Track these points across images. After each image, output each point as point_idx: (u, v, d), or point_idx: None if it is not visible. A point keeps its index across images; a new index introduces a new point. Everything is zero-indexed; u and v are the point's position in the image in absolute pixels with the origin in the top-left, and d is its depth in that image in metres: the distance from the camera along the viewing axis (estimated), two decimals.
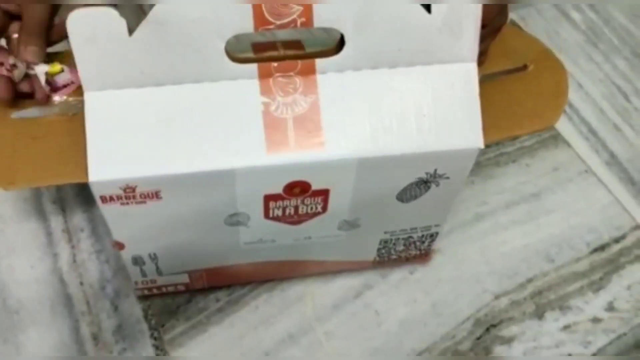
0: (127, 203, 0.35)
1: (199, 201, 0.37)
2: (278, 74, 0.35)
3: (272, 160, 0.35)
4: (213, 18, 0.32)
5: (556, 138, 0.60)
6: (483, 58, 0.39)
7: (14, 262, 0.48)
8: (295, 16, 0.33)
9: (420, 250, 0.49)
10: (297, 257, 0.46)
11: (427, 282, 0.51)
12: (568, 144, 0.60)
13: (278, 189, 0.37)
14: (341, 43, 0.35)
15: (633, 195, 0.57)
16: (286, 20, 0.33)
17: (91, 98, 0.33)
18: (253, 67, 0.35)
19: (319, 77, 0.35)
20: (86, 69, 0.33)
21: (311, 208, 0.40)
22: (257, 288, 0.49)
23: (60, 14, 0.36)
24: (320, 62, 0.35)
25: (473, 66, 0.37)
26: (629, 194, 0.57)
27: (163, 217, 0.38)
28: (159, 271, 0.44)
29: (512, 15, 0.70)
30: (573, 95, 0.64)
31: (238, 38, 0.34)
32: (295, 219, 0.40)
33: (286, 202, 0.39)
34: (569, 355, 0.48)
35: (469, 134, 0.37)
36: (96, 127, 0.33)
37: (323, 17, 0.33)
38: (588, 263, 0.53)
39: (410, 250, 0.48)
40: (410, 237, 0.46)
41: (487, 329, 0.49)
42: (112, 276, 0.48)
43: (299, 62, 0.35)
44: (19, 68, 0.35)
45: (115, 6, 0.31)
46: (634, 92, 0.65)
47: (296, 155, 0.35)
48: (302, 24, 0.33)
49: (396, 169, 0.38)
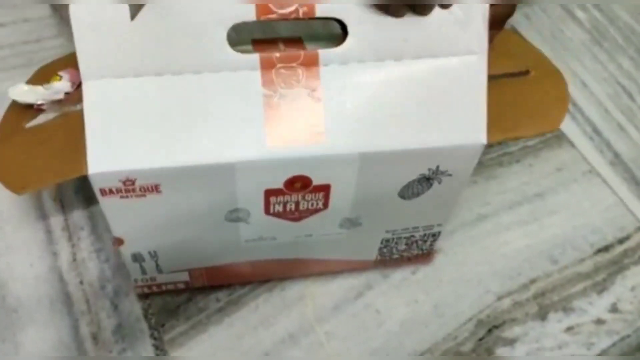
0: (127, 196, 0.35)
1: (199, 196, 0.37)
2: (280, 65, 0.35)
3: (273, 153, 0.35)
4: (215, 5, 0.32)
5: (560, 138, 0.60)
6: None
7: (13, 260, 0.48)
8: (297, 5, 0.33)
9: (422, 250, 0.48)
10: (298, 256, 0.46)
11: (429, 283, 0.50)
12: (572, 144, 0.60)
13: (279, 184, 0.37)
14: (344, 36, 0.35)
15: (637, 195, 0.57)
16: (288, 9, 0.33)
17: (90, 87, 0.33)
18: (255, 58, 0.34)
19: (322, 69, 0.35)
20: (86, 58, 0.32)
21: (312, 204, 0.39)
22: (257, 288, 0.49)
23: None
24: (323, 54, 0.35)
25: (482, 58, 0.36)
26: (634, 195, 0.57)
27: (163, 212, 0.37)
28: (159, 269, 0.43)
29: (517, 13, 0.69)
30: (577, 94, 0.64)
31: (239, 32, 0.34)
32: (296, 216, 0.40)
33: (287, 198, 0.38)
34: (572, 356, 0.48)
35: (473, 130, 0.36)
36: (95, 119, 0.33)
37: (325, 7, 0.33)
38: (592, 264, 0.52)
39: (412, 249, 0.48)
40: (412, 236, 0.46)
41: (490, 330, 0.48)
42: (112, 275, 0.48)
43: (302, 53, 0.35)
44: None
45: None
46: (639, 92, 0.64)
47: (297, 148, 0.35)
48: (304, 14, 0.33)
49: (398, 165, 0.38)
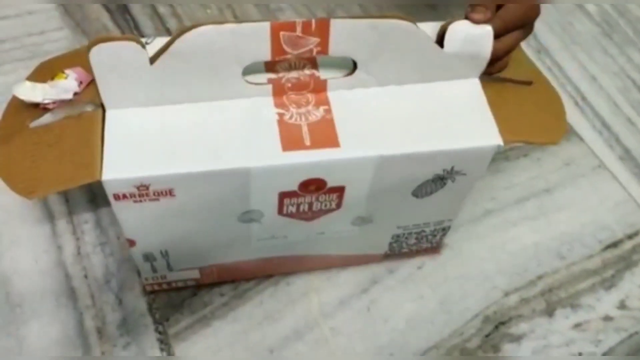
0: (140, 201, 0.35)
1: (213, 199, 0.37)
2: (291, 93, 0.37)
3: (288, 159, 0.35)
4: (232, 48, 0.33)
5: (568, 132, 0.59)
6: (504, 62, 0.39)
7: (17, 254, 0.48)
8: (312, 46, 0.34)
9: (431, 243, 0.48)
10: (309, 252, 0.45)
11: (435, 279, 0.50)
12: (581, 138, 0.59)
13: (293, 187, 0.37)
14: (354, 66, 0.37)
15: None
16: (302, 50, 0.34)
17: (112, 114, 0.35)
18: (268, 87, 0.36)
19: (330, 94, 0.37)
20: (108, 93, 0.35)
21: (325, 205, 0.39)
22: (262, 283, 0.48)
23: None
24: (331, 82, 0.37)
25: (476, 81, 0.39)
26: None
27: (175, 214, 0.37)
28: (170, 267, 0.43)
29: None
30: (587, 88, 0.63)
31: None
32: (309, 215, 0.40)
33: (301, 199, 0.38)
34: (580, 354, 0.47)
35: (486, 133, 0.37)
36: (114, 136, 0.35)
37: (339, 48, 0.35)
38: (600, 260, 0.52)
39: (421, 243, 0.48)
40: (422, 232, 0.46)
41: (496, 327, 0.48)
42: (117, 269, 0.48)
43: (311, 82, 0.37)
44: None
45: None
46: None
47: (312, 154, 0.35)
48: (318, 53, 0.35)
49: (414, 167, 0.38)
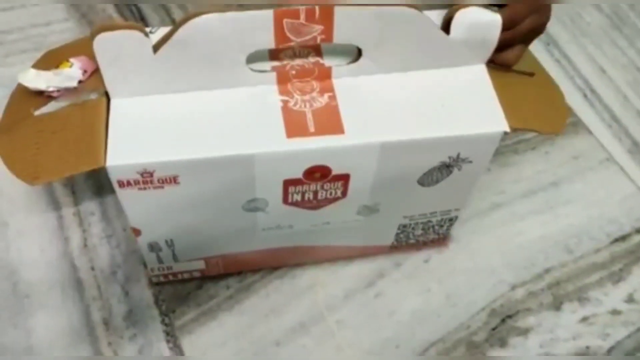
0: (145, 188, 0.35)
1: (217, 187, 0.36)
2: (296, 80, 0.37)
3: (292, 145, 0.35)
4: (236, 36, 0.33)
5: (577, 125, 0.59)
6: (515, 55, 0.39)
7: (24, 246, 0.48)
8: (315, 34, 0.34)
9: (438, 234, 0.48)
10: (315, 243, 0.45)
11: (442, 272, 0.50)
12: (589, 131, 0.59)
13: (298, 174, 0.37)
14: (359, 53, 0.36)
15: None
16: (306, 37, 0.34)
17: (117, 103, 0.35)
18: (272, 75, 0.36)
19: (335, 81, 0.37)
20: (112, 81, 0.34)
21: (331, 193, 0.39)
22: (268, 275, 0.48)
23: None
24: (335, 69, 0.37)
25: (482, 67, 0.38)
26: None
27: (180, 202, 0.37)
28: (176, 257, 0.43)
29: None
30: (596, 80, 0.62)
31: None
32: (314, 204, 0.40)
33: (305, 187, 0.38)
34: (587, 348, 0.47)
35: (492, 119, 0.37)
36: (119, 122, 0.34)
37: (343, 36, 0.34)
38: (608, 254, 0.51)
39: (428, 234, 0.47)
40: (429, 222, 0.45)
41: (503, 320, 0.48)
42: (123, 261, 0.48)
43: (316, 69, 0.36)
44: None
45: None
46: None
47: (317, 140, 0.35)
48: (322, 40, 0.34)
49: (419, 153, 0.38)
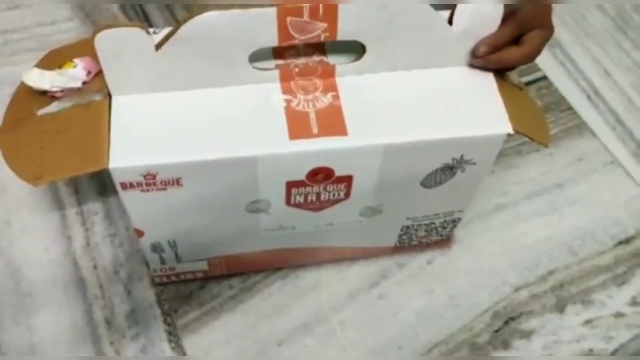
0: (148, 190, 0.35)
1: (220, 188, 0.36)
2: (299, 78, 0.36)
3: (295, 147, 0.35)
4: (239, 34, 0.33)
5: (581, 127, 0.59)
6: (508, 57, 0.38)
7: (28, 244, 0.48)
8: (319, 31, 0.34)
9: (441, 236, 0.48)
10: (317, 244, 0.45)
11: (445, 273, 0.49)
12: (593, 134, 0.58)
13: (301, 176, 0.37)
14: (362, 50, 0.36)
15: None
16: (310, 35, 0.34)
17: (119, 101, 0.35)
18: (275, 73, 0.36)
19: (338, 79, 0.37)
20: (114, 79, 0.34)
21: (334, 195, 0.39)
22: (271, 275, 0.48)
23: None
24: (339, 67, 0.36)
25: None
26: None
27: (183, 204, 0.37)
28: (178, 258, 0.43)
29: None
30: (600, 82, 0.62)
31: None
32: (317, 206, 0.40)
33: (308, 189, 0.38)
34: (590, 350, 0.47)
35: (496, 121, 0.37)
36: (121, 123, 0.34)
37: (347, 32, 0.34)
38: (612, 256, 0.51)
39: (431, 235, 0.47)
40: (432, 223, 0.45)
41: (506, 322, 0.48)
42: (126, 260, 0.48)
43: (319, 67, 0.36)
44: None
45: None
46: None
47: (320, 141, 0.35)
48: (326, 38, 0.34)
49: (423, 155, 0.37)
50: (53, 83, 0.36)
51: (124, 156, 0.33)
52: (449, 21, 0.35)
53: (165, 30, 0.35)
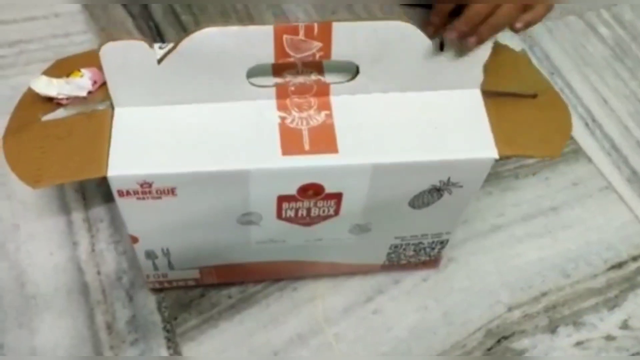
0: (143, 198, 0.36)
1: (213, 200, 0.38)
2: (295, 96, 0.38)
3: (287, 162, 0.36)
4: (237, 50, 0.35)
5: (577, 152, 0.60)
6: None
7: (34, 248, 0.49)
8: (314, 50, 0.35)
9: (430, 256, 0.49)
10: (307, 258, 0.46)
11: (440, 290, 0.50)
12: (589, 159, 0.60)
13: (292, 191, 0.38)
14: (357, 71, 0.38)
15: None
16: (306, 53, 0.35)
17: (121, 112, 0.37)
18: (271, 90, 0.37)
19: (333, 98, 0.38)
20: (117, 91, 0.36)
21: (324, 210, 0.40)
22: (269, 287, 0.49)
23: None
24: (334, 86, 0.38)
25: (477, 92, 0.40)
26: None
27: (177, 213, 0.38)
28: (171, 265, 0.44)
29: (539, 26, 0.70)
30: (598, 110, 0.63)
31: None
32: (307, 221, 0.41)
33: (299, 204, 0.39)
34: None
35: (483, 146, 0.38)
36: (121, 133, 0.36)
37: (341, 53, 0.36)
38: (604, 280, 0.52)
39: (420, 255, 0.48)
40: (420, 243, 0.46)
41: (499, 341, 0.48)
42: (129, 267, 0.49)
43: (315, 86, 0.38)
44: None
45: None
46: None
47: (311, 158, 0.36)
48: (321, 57, 0.36)
49: (410, 176, 0.39)
50: (60, 91, 0.37)
51: (122, 165, 0.35)
52: (440, 46, 0.37)
53: (171, 45, 0.37)
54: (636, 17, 0.72)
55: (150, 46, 0.34)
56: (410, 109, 0.38)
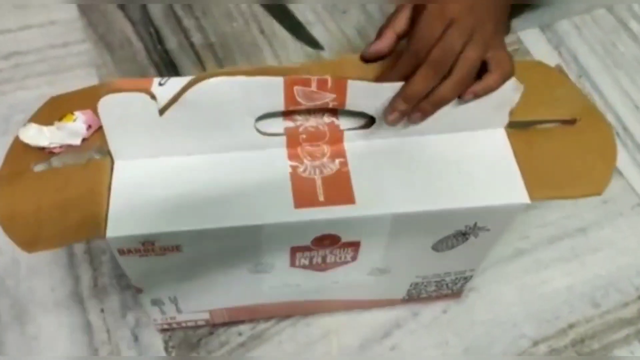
0: (146, 255, 0.34)
1: (222, 253, 0.35)
2: (306, 144, 0.35)
3: (300, 216, 0.33)
4: (244, 99, 0.32)
5: None
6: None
7: (35, 284, 0.47)
8: (328, 100, 0.32)
9: (452, 290, 0.46)
10: (323, 298, 0.44)
11: (460, 324, 0.48)
12: (620, 173, 0.56)
13: (306, 242, 0.35)
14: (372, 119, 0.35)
15: None
16: (318, 102, 0.33)
17: (121, 165, 0.34)
18: (282, 139, 0.34)
19: (347, 145, 0.35)
20: (117, 144, 0.33)
21: (340, 257, 0.37)
22: (281, 322, 0.47)
23: None
24: (348, 133, 0.35)
25: (502, 131, 0.36)
26: None
27: (183, 267, 0.36)
28: (179, 310, 0.42)
29: (564, 23, 0.65)
30: (630, 118, 0.59)
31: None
32: (322, 267, 0.38)
33: (314, 253, 0.36)
34: None
35: (511, 190, 0.35)
36: (121, 188, 0.33)
37: (356, 105, 0.33)
38: (636, 309, 0.49)
39: (441, 290, 0.46)
40: (442, 280, 0.44)
41: None
42: (133, 303, 0.47)
43: (328, 132, 0.35)
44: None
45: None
46: None
47: (326, 210, 0.33)
48: (334, 106, 0.33)
49: (433, 223, 0.36)
50: (52, 140, 0.35)
51: (122, 224, 0.32)
52: None
53: (172, 81, 0.34)
54: None
55: (152, 97, 0.31)
56: (431, 152, 0.35)
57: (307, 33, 0.63)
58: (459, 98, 0.33)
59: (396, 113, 0.33)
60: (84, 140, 0.35)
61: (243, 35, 0.62)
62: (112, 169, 0.34)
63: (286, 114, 0.35)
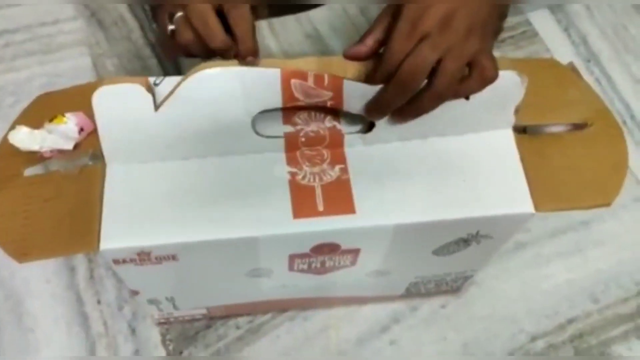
0: (142, 264, 0.33)
1: (218, 262, 0.34)
2: (305, 148, 0.33)
3: (299, 227, 0.32)
4: (241, 95, 0.30)
5: None
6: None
7: (29, 275, 0.47)
8: (325, 98, 0.31)
9: (452, 287, 0.46)
10: (321, 295, 0.43)
11: (459, 319, 0.48)
12: None
13: (305, 250, 0.34)
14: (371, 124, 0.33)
15: None
16: (316, 100, 0.31)
17: (113, 170, 0.32)
18: (280, 141, 0.33)
19: (347, 150, 0.34)
20: (110, 144, 0.32)
21: (339, 262, 0.37)
22: (279, 316, 0.47)
23: None
24: (348, 137, 0.33)
25: (508, 133, 0.35)
26: None
27: (179, 274, 0.35)
28: (176, 307, 0.42)
29: (577, 4, 0.63)
30: (638, 106, 0.58)
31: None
32: (321, 271, 0.38)
33: (312, 259, 0.36)
34: None
35: (516, 199, 0.34)
36: (114, 197, 0.32)
37: (353, 106, 0.31)
38: (635, 305, 0.49)
39: (441, 287, 0.45)
40: (442, 279, 0.43)
41: None
42: (130, 296, 0.47)
43: (327, 136, 0.33)
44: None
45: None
46: None
47: (325, 221, 0.32)
48: (332, 106, 0.31)
49: (436, 232, 0.35)
50: (42, 143, 0.33)
51: (116, 236, 0.31)
52: None
53: (167, 80, 0.32)
54: None
55: (147, 89, 0.30)
56: (433, 158, 0.34)
57: None
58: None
59: (373, 115, 0.32)
60: (76, 145, 0.33)
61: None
62: (104, 173, 0.32)
63: (286, 118, 0.34)
